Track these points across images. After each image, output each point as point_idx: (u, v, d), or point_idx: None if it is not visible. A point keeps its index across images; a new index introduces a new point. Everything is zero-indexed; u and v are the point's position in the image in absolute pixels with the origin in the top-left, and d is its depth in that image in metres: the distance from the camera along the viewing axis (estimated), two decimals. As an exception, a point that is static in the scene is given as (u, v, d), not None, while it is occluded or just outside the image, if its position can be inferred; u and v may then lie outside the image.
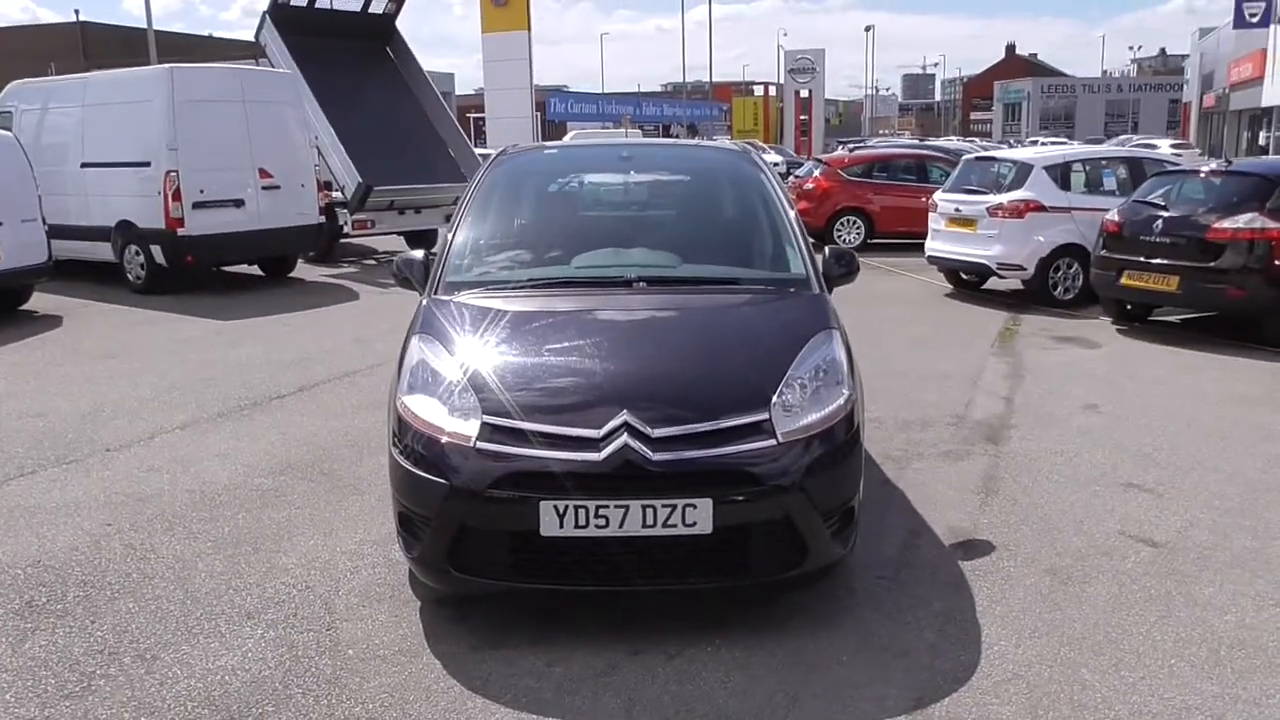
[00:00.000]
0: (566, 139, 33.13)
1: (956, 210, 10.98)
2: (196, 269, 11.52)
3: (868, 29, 78.53)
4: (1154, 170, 10.42)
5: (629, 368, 3.54)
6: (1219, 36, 44.56)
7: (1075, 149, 12.53)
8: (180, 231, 11.02)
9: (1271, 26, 32.70)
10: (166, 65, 12.46)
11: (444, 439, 3.34)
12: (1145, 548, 4.20)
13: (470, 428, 3.32)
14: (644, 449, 3.19)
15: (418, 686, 3.18)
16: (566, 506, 3.16)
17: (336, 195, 13.66)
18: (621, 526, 3.17)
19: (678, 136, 49.62)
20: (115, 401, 6.74)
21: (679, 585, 3.32)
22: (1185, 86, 53.97)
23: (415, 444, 3.40)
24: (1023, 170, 10.51)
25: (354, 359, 8.04)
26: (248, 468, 5.36)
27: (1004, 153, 12.43)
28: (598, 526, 3.17)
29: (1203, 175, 8.86)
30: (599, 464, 3.18)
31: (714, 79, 69.26)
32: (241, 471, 5.30)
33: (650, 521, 3.17)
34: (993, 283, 11.15)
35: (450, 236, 4.38)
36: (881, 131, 79.81)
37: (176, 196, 10.96)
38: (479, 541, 3.30)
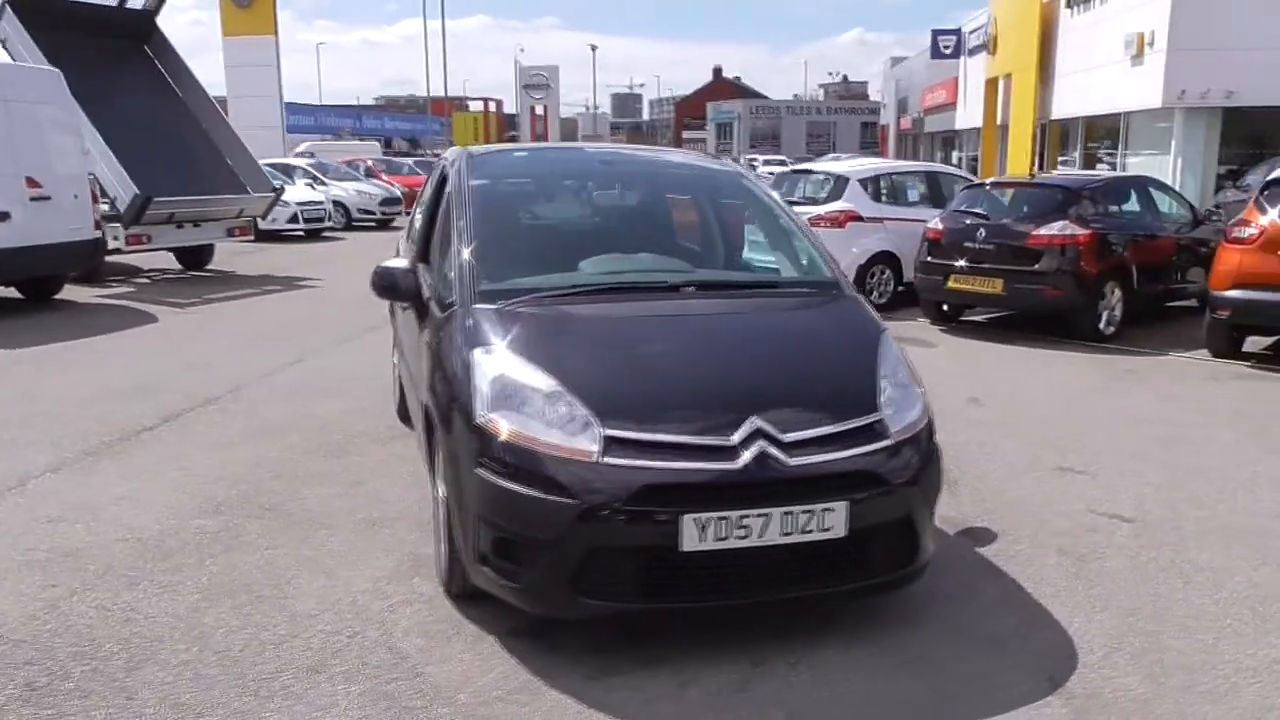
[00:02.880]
0: (302, 148, 31.46)
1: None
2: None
3: (593, 48, 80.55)
4: (948, 183, 11.48)
5: (736, 373, 3.44)
6: (911, 66, 49.68)
7: (883, 163, 13.55)
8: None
9: (962, 58, 36.85)
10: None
11: (561, 455, 3.09)
12: (1122, 523, 4.63)
13: (590, 442, 3.10)
14: (780, 455, 3.13)
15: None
16: (708, 519, 3.03)
17: (103, 207, 12.17)
18: (762, 536, 3.08)
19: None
20: (-57, 445, 5.65)
21: (813, 592, 3.26)
22: (883, 110, 59.61)
23: (522, 464, 3.13)
24: (840, 183, 11.22)
25: (204, 384, 7.22)
26: (171, 510, 4.68)
27: (819, 165, 13.22)
28: (738, 538, 3.06)
29: (1014, 187, 9.89)
30: (737, 473, 3.08)
31: (431, 94, 68.04)
32: (168, 515, 4.61)
33: (789, 529, 3.10)
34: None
35: (460, 243, 4.03)
36: None
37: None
38: (607, 562, 3.08)
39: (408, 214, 24.13)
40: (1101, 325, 9.11)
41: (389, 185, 22.90)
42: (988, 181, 10.97)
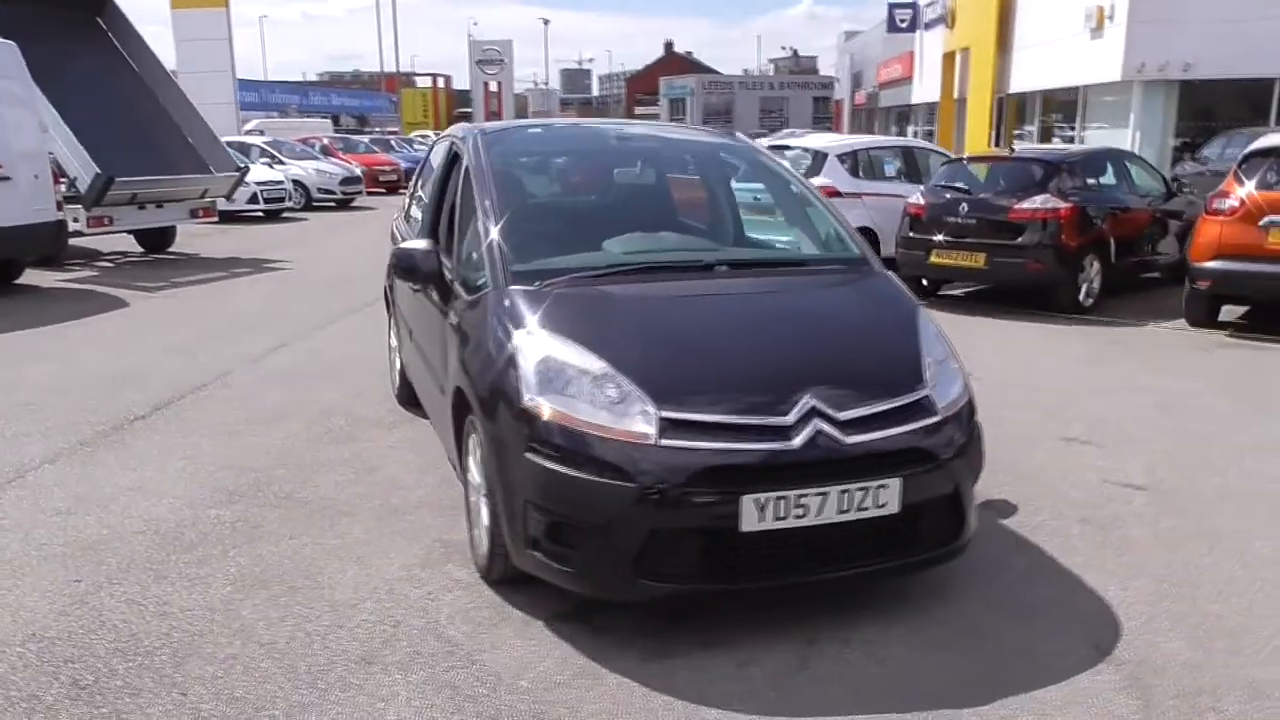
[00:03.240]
0: (251, 125, 30.75)
1: (755, 199, 11.51)
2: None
3: (545, 22, 79.58)
4: (924, 159, 11.54)
5: (784, 351, 3.42)
6: (865, 40, 49.83)
7: (860, 139, 13.55)
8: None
9: (918, 32, 37.03)
10: None
11: (618, 438, 3.06)
12: (1136, 492, 4.71)
13: (646, 424, 3.06)
14: (836, 433, 3.12)
15: (633, 706, 2.91)
16: (768, 499, 3.02)
17: (62, 188, 11.78)
18: (819, 514, 3.08)
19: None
20: (-71, 438, 5.46)
21: (866, 569, 3.26)
22: (836, 85, 59.80)
23: (575, 447, 3.09)
24: (819, 158, 11.23)
25: (189, 371, 7.05)
26: (185, 500, 4.57)
27: (796, 141, 13.20)
28: (796, 517, 3.06)
29: (994, 162, 9.97)
30: (795, 452, 3.07)
31: (379, 69, 66.59)
32: (181, 505, 4.50)
33: (846, 507, 3.10)
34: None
35: (487, 224, 3.94)
36: None
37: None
38: (665, 545, 3.06)
39: (369, 193, 24.05)
40: (1081, 297, 9.24)
41: (349, 164, 22.49)
42: (967, 156, 11.03)
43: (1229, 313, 8.85)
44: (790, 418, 3.11)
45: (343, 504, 4.53)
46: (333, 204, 21.37)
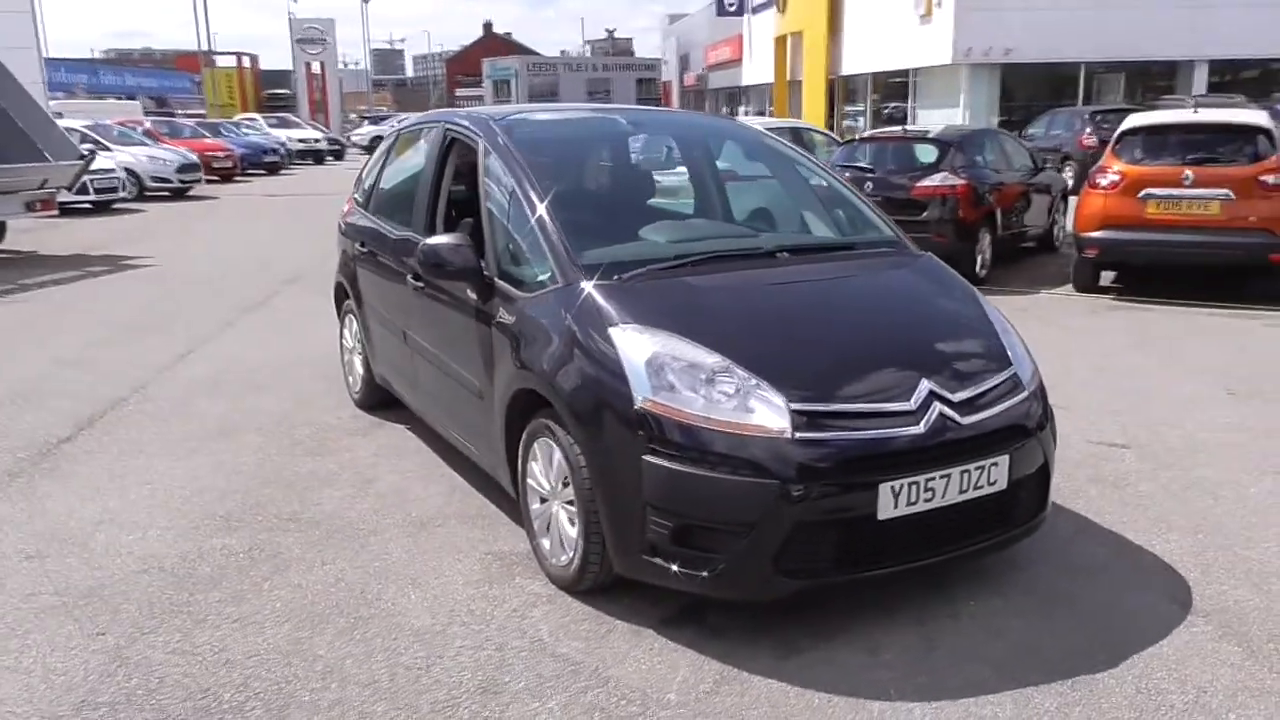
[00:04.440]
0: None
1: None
2: None
3: (366, 1, 76.36)
4: (809, 139, 11.82)
5: (888, 337, 3.42)
6: (692, 23, 50.65)
7: (754, 121, 13.65)
8: None
9: (746, 15, 37.94)
10: None
11: (752, 434, 2.96)
12: (1124, 450, 4.98)
13: (779, 418, 2.97)
14: (954, 415, 3.14)
15: (796, 708, 2.83)
16: (902, 485, 3.00)
17: None
18: (943, 496, 3.09)
19: None
20: None
21: (979, 545, 3.29)
22: (663, 67, 60.49)
23: (706, 445, 2.96)
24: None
25: (95, 385, 6.37)
26: (174, 531, 4.12)
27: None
28: (925, 500, 3.06)
29: (892, 141, 10.31)
30: (923, 436, 3.06)
31: (173, 47, 61.99)
32: (175, 537, 4.06)
33: (965, 486, 3.13)
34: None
35: (536, 218, 3.70)
36: (359, 108, 77.34)
37: None
38: (804, 538, 2.99)
39: (207, 181, 22.44)
40: (977, 269, 9.71)
41: (183, 150, 20.90)
42: (862, 137, 11.38)
43: (1104, 278, 9.54)
44: (913, 403, 3.10)
45: (359, 522, 4.21)
46: (168, 193, 19.82)
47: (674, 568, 3.06)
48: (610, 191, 4.41)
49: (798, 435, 2.96)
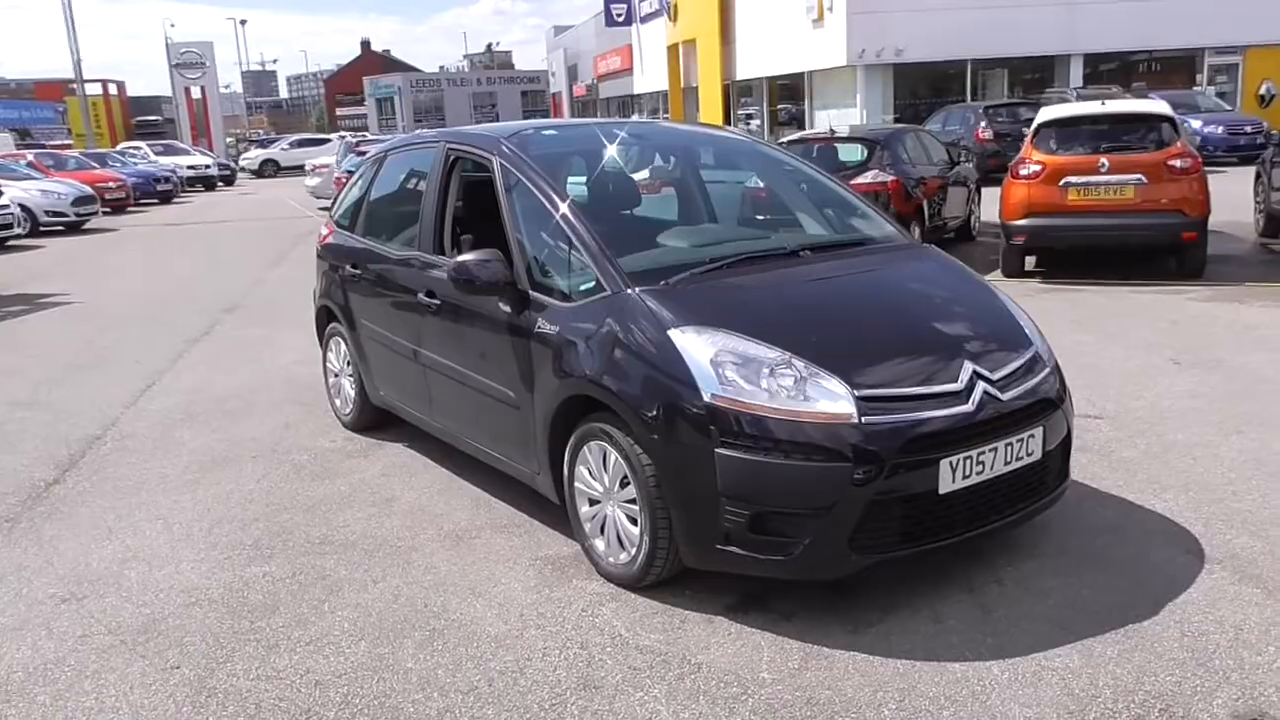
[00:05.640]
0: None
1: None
2: None
3: (243, 22, 74.35)
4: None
5: (928, 323, 3.64)
6: (578, 34, 50.92)
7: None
8: None
9: (634, 25, 38.38)
10: None
11: (821, 420, 3.13)
12: (1097, 421, 5.32)
13: (844, 404, 3.15)
14: (996, 392, 3.37)
15: (885, 675, 3.00)
16: (958, 460, 3.22)
17: None
18: (991, 469, 3.32)
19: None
20: None
21: (1021, 514, 3.52)
22: (551, 79, 60.59)
23: (778, 435, 3.12)
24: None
25: (63, 423, 6.17)
26: (208, 564, 4.07)
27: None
28: (977, 474, 3.28)
29: (821, 142, 10.68)
30: (973, 413, 3.28)
31: (31, 76, 58.95)
32: (211, 569, 4.01)
33: (1009, 458, 3.36)
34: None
35: (574, 230, 3.79)
36: (233, 132, 74.93)
37: None
38: (875, 516, 3.17)
39: (105, 213, 21.54)
40: (910, 260, 10.14)
41: (75, 183, 20.02)
42: (791, 139, 11.73)
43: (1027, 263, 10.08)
44: (960, 383, 3.32)
45: (394, 539, 4.23)
46: (62, 228, 18.96)
47: (752, 554, 3.20)
48: (627, 201, 4.53)
49: (864, 420, 3.14)
